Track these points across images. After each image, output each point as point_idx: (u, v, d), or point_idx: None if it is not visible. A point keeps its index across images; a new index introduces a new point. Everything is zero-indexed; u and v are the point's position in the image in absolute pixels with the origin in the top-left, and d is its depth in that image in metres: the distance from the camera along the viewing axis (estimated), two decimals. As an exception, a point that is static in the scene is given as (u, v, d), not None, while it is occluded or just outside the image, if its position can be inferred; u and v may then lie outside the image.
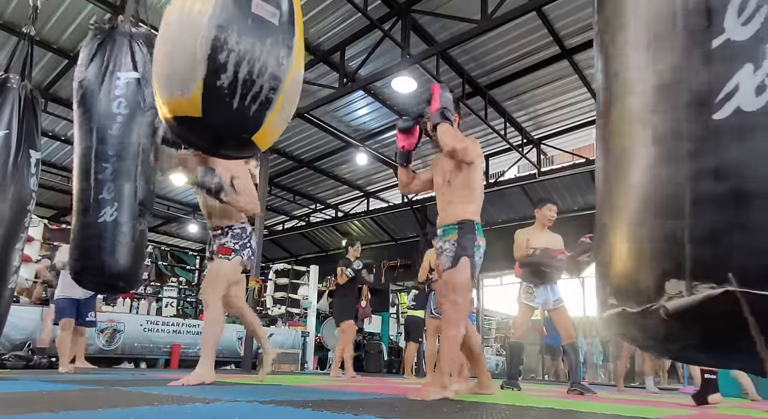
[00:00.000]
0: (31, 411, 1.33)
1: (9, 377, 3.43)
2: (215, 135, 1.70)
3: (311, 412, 1.51)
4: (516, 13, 5.28)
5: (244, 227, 3.17)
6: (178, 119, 1.64)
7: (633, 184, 0.94)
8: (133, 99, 2.70)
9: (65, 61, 6.89)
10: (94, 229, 2.59)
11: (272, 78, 1.62)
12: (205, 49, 1.54)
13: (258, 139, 1.72)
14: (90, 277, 2.73)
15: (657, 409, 2.59)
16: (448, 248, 2.61)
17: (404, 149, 2.86)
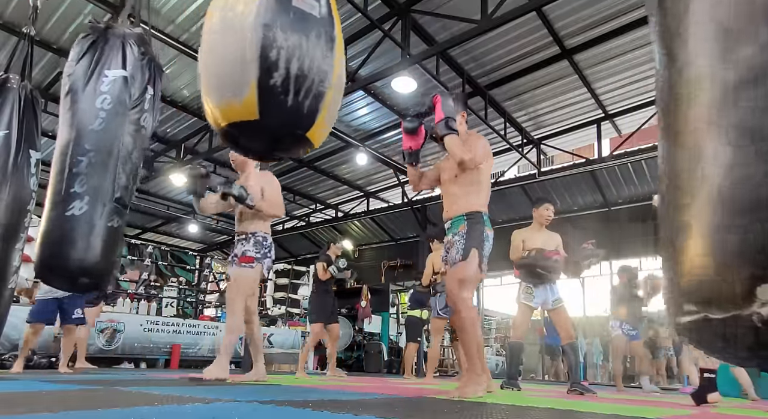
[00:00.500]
0: (31, 411, 1.33)
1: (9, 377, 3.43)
2: (272, 136, 1.70)
3: (311, 412, 1.51)
4: (516, 13, 5.28)
5: (266, 236, 3.43)
6: (233, 126, 1.63)
7: (714, 183, 0.88)
8: (119, 96, 2.66)
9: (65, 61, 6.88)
10: (60, 222, 2.48)
11: (321, 71, 1.62)
12: (255, 50, 1.53)
13: (312, 135, 1.72)
14: (53, 272, 2.59)
15: (657, 409, 2.59)
16: (458, 240, 2.68)
17: (411, 150, 2.92)
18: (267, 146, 1.78)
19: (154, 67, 2.85)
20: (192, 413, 1.39)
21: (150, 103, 2.80)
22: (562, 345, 4.12)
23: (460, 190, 2.80)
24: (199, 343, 7.66)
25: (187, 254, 11.48)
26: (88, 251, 2.51)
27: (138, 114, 2.71)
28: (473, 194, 2.79)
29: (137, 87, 2.72)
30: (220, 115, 1.63)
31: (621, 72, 7.18)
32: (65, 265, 2.51)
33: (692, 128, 0.95)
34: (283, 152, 1.87)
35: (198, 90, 1.71)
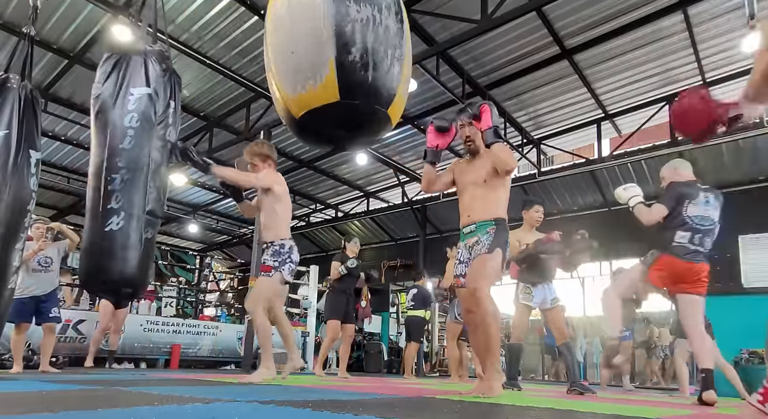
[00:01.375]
0: (31, 411, 1.33)
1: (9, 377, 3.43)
2: (356, 116, 1.61)
3: (311, 412, 1.50)
4: (516, 13, 5.28)
5: (283, 243, 3.51)
6: (312, 113, 1.54)
7: None
8: (144, 113, 2.75)
9: (65, 61, 6.89)
10: (100, 237, 2.65)
11: (395, 44, 1.55)
12: (331, 27, 1.44)
13: (392, 111, 1.64)
14: (96, 282, 2.77)
15: (657, 409, 2.59)
16: (485, 239, 2.73)
17: (437, 149, 2.89)
18: (348, 131, 1.68)
19: (174, 81, 2.92)
20: (192, 413, 1.39)
21: (173, 116, 2.87)
22: (557, 346, 4.12)
23: (490, 194, 2.82)
24: (199, 343, 7.66)
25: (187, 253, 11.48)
26: (127, 262, 2.66)
27: (164, 129, 2.83)
28: (501, 201, 2.84)
29: (161, 103, 2.83)
30: (295, 105, 1.52)
31: (621, 72, 7.19)
32: (108, 277, 2.67)
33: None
34: (365, 134, 1.76)
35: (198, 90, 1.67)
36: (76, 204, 11.71)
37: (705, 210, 3.38)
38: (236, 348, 8.05)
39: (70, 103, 7.92)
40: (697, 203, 3.40)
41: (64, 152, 9.64)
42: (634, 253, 9.70)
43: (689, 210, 3.39)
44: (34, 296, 4.38)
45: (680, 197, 3.41)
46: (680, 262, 3.33)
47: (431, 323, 10.79)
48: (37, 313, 4.41)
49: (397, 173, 10.11)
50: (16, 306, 4.27)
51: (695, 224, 3.37)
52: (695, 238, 3.33)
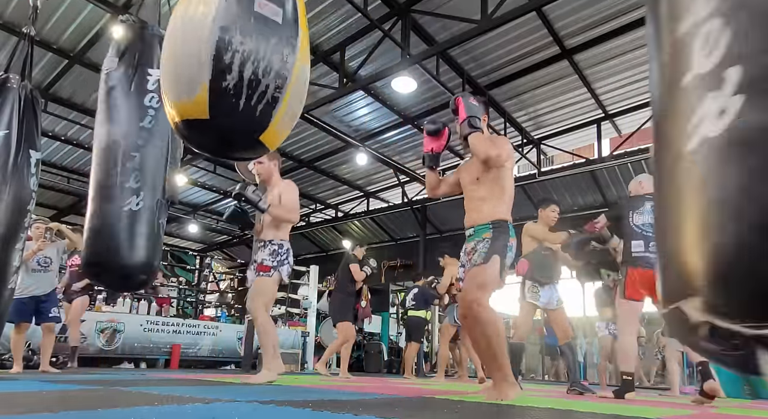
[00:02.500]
0: (31, 411, 1.33)
1: (9, 377, 3.43)
2: (223, 136, 1.70)
3: (311, 412, 1.50)
4: (516, 13, 5.28)
5: (282, 243, 3.54)
6: (185, 122, 1.64)
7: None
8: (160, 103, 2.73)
9: (65, 61, 6.88)
10: (117, 217, 2.51)
11: (277, 77, 1.62)
12: (210, 52, 1.54)
13: (266, 139, 1.71)
14: (107, 268, 2.60)
15: (657, 409, 2.59)
16: (481, 247, 2.60)
17: (432, 152, 2.89)
18: (218, 146, 1.78)
19: None
20: (192, 413, 1.39)
21: None
22: (559, 346, 4.12)
23: (484, 194, 2.69)
24: (199, 343, 7.66)
25: (187, 254, 11.49)
26: (144, 247, 2.55)
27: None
28: (497, 200, 2.67)
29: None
30: (174, 111, 1.64)
31: (621, 72, 7.18)
32: (123, 261, 2.53)
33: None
34: (237, 152, 1.85)
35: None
36: (76, 204, 11.71)
37: (651, 218, 3.44)
38: (236, 348, 8.05)
39: (70, 103, 7.92)
40: (642, 212, 3.51)
41: (64, 152, 9.64)
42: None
43: (635, 219, 3.52)
44: (34, 296, 4.39)
45: (626, 210, 3.61)
46: (645, 272, 3.38)
47: (431, 323, 10.79)
48: (36, 313, 4.42)
49: (397, 173, 10.11)
50: (16, 306, 4.26)
51: (645, 232, 3.45)
52: (650, 245, 3.38)
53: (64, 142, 9.15)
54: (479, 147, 2.59)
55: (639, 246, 3.43)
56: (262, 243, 3.55)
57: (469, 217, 2.74)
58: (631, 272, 3.45)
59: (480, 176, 2.72)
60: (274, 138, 1.75)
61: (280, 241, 3.54)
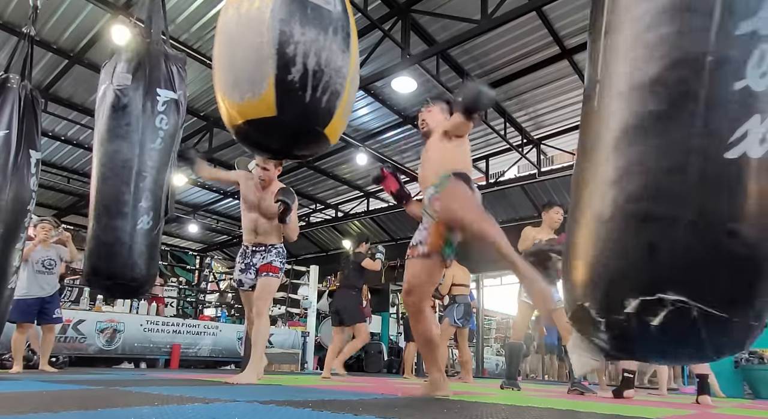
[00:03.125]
0: (31, 411, 1.33)
1: (9, 377, 3.43)
2: (291, 133, 1.67)
3: (311, 412, 1.50)
4: (516, 13, 5.28)
5: (282, 247, 3.68)
6: (250, 123, 1.60)
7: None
8: (173, 117, 2.81)
9: (65, 61, 6.88)
10: (130, 235, 2.66)
11: (338, 67, 1.60)
12: (273, 45, 1.50)
13: (330, 131, 1.70)
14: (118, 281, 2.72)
15: (657, 409, 2.59)
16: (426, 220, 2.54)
17: (392, 193, 3.00)
18: (285, 144, 1.75)
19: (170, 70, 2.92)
20: (192, 413, 1.39)
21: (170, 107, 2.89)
22: (563, 345, 4.13)
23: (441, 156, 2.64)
24: (199, 343, 7.66)
25: (187, 254, 11.49)
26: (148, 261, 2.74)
27: (179, 136, 2.92)
28: (461, 156, 2.64)
29: (183, 111, 2.91)
30: (236, 112, 1.59)
31: (621, 72, 7.18)
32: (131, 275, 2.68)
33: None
34: (302, 149, 1.84)
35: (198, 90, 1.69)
36: (76, 204, 11.71)
37: None
38: (236, 348, 8.05)
39: (70, 103, 7.92)
40: None
41: (64, 152, 9.64)
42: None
43: None
44: (39, 297, 4.44)
45: None
46: None
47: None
48: (40, 314, 4.46)
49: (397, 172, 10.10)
50: (21, 307, 4.30)
51: None
52: None
53: (64, 142, 9.15)
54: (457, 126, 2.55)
55: None
56: (263, 247, 3.60)
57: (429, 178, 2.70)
58: None
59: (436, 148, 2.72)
60: (337, 129, 1.75)
61: (281, 245, 3.68)
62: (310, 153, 1.94)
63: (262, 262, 3.53)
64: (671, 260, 0.94)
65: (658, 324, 0.96)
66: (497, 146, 9.41)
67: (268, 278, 3.51)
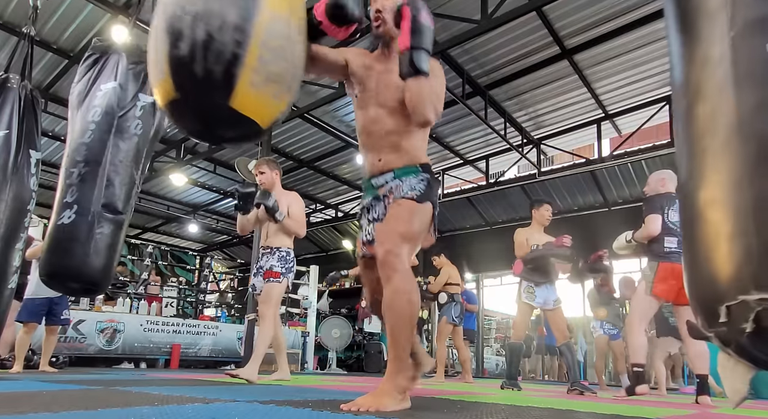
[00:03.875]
0: (31, 410, 1.33)
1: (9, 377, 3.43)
2: (195, 111, 1.56)
3: (311, 412, 1.50)
4: (516, 13, 5.28)
5: (289, 251, 3.71)
6: (167, 106, 1.56)
7: None
8: (108, 106, 2.73)
9: (65, 61, 6.89)
10: (54, 230, 2.64)
11: (236, 30, 1.45)
12: (164, 20, 1.47)
13: (241, 105, 1.51)
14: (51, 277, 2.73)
15: (657, 409, 2.59)
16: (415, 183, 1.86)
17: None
18: (199, 125, 1.60)
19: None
20: (192, 413, 1.39)
21: (145, 110, 2.83)
22: (558, 346, 4.14)
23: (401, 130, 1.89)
24: (199, 343, 7.66)
25: (187, 254, 11.48)
26: (73, 256, 2.60)
27: (129, 122, 2.78)
28: (420, 141, 1.94)
29: (129, 95, 2.79)
30: (158, 97, 1.57)
31: (621, 72, 7.18)
32: (57, 270, 2.64)
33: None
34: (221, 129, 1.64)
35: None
36: (76, 204, 11.70)
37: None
38: (236, 348, 8.05)
39: (70, 103, 7.92)
40: (677, 210, 3.48)
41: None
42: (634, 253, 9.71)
43: (670, 216, 3.54)
44: (48, 298, 4.45)
45: (661, 206, 3.59)
46: (680, 266, 3.28)
47: (431, 323, 10.78)
48: (48, 314, 4.48)
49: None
50: (29, 307, 4.35)
51: (679, 230, 3.45)
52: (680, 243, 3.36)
53: (64, 142, 9.13)
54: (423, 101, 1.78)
55: (672, 242, 3.47)
56: (269, 250, 3.67)
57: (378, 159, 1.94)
58: (664, 266, 3.44)
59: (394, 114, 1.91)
60: (252, 103, 1.54)
61: (287, 249, 3.70)
62: (238, 137, 1.71)
63: (266, 266, 3.64)
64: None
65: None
66: (497, 146, 9.41)
67: (270, 283, 3.60)
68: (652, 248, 3.57)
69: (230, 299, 11.44)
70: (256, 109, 1.57)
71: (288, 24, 1.61)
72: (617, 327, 5.93)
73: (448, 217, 11.20)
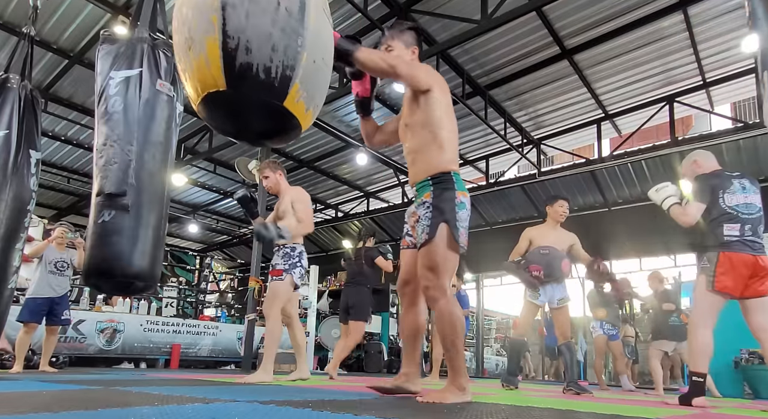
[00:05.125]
0: (31, 411, 1.33)
1: (9, 377, 3.43)
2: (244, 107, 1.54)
3: (311, 412, 1.50)
4: (516, 13, 5.28)
5: (294, 246, 3.68)
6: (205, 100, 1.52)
7: None
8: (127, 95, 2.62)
9: (65, 61, 6.89)
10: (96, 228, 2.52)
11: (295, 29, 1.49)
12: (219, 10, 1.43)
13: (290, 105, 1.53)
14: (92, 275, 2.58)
15: (657, 409, 2.59)
16: (423, 213, 2.13)
17: (359, 96, 2.47)
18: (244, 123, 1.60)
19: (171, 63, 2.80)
20: (192, 413, 1.39)
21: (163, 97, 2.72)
22: (557, 345, 4.15)
23: (416, 143, 2.22)
24: (199, 343, 7.66)
25: (187, 254, 11.49)
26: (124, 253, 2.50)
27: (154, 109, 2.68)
28: (434, 146, 2.18)
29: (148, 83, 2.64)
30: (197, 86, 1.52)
31: (621, 72, 7.19)
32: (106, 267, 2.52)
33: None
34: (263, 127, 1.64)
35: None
36: (76, 204, 11.71)
37: (745, 197, 3.01)
38: (236, 348, 8.05)
39: (70, 103, 7.92)
40: (734, 192, 3.03)
41: (64, 152, 9.64)
42: (634, 253, 9.72)
43: (727, 200, 3.02)
44: (49, 298, 4.50)
45: (713, 189, 3.05)
46: (745, 256, 2.90)
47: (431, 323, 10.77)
48: (49, 314, 4.52)
49: (397, 172, 10.11)
50: (31, 306, 4.40)
51: (741, 214, 2.98)
52: (746, 228, 2.93)
53: (64, 142, 9.15)
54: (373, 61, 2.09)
55: (733, 229, 2.95)
56: (276, 248, 3.69)
57: (409, 172, 2.29)
58: (725, 257, 2.93)
59: (408, 121, 2.28)
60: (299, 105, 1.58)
61: (292, 245, 3.67)
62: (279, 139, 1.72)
63: (273, 265, 3.67)
64: None
65: None
66: (497, 146, 9.42)
67: (273, 282, 3.62)
68: (709, 236, 3.03)
69: (230, 300, 11.44)
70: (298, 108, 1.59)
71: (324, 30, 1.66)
72: (616, 328, 5.98)
73: (448, 217, 11.20)
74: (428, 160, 2.19)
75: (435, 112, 2.22)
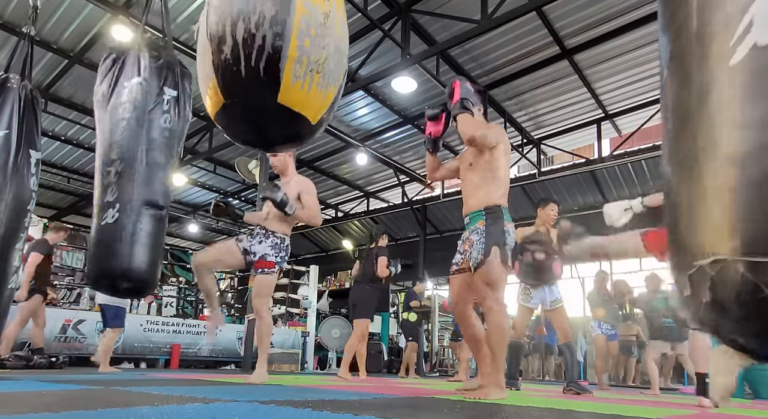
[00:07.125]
0: (31, 411, 1.33)
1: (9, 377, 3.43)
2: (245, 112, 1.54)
3: (311, 412, 1.50)
4: (516, 13, 5.28)
5: (284, 238, 3.49)
6: (217, 117, 1.56)
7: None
8: (137, 101, 2.73)
9: (65, 61, 6.88)
10: (98, 232, 2.66)
11: (273, 23, 1.43)
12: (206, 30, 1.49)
13: (288, 100, 1.49)
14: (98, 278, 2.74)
15: (657, 409, 2.59)
16: (477, 239, 2.58)
17: (432, 136, 2.94)
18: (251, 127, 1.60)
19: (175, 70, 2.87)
20: (192, 413, 1.39)
21: (171, 104, 2.83)
22: (558, 345, 4.15)
23: (477, 179, 2.69)
24: (199, 343, 7.66)
25: (187, 253, 11.48)
26: (122, 255, 2.61)
27: (158, 116, 2.78)
28: (491, 185, 2.65)
29: (154, 90, 2.78)
30: (209, 106, 1.57)
31: (621, 72, 7.18)
32: (105, 271, 2.65)
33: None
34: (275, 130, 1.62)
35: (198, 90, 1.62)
36: (76, 204, 11.71)
37: None
38: (236, 347, 8.05)
39: (70, 103, 7.92)
40: None
41: (64, 152, 9.64)
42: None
43: None
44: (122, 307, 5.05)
45: None
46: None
47: (431, 323, 10.79)
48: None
49: (397, 173, 10.11)
50: (116, 312, 4.92)
51: None
52: None
53: (64, 142, 9.15)
54: (463, 127, 2.62)
55: None
56: (263, 232, 3.44)
57: (465, 204, 2.75)
58: None
59: (473, 162, 2.73)
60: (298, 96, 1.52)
61: (282, 235, 3.45)
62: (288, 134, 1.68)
63: (259, 252, 3.38)
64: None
65: None
66: (497, 146, 9.41)
67: (263, 275, 3.38)
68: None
69: (230, 299, 11.44)
70: (303, 102, 1.56)
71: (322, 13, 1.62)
72: (615, 328, 6.01)
73: (449, 217, 11.21)
74: (485, 195, 2.64)
75: (499, 160, 2.69)
